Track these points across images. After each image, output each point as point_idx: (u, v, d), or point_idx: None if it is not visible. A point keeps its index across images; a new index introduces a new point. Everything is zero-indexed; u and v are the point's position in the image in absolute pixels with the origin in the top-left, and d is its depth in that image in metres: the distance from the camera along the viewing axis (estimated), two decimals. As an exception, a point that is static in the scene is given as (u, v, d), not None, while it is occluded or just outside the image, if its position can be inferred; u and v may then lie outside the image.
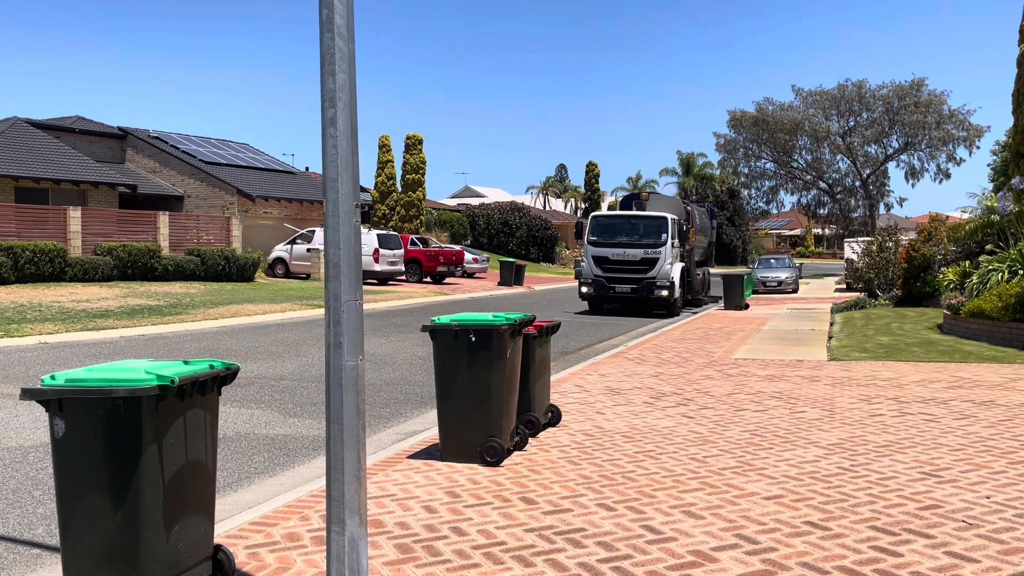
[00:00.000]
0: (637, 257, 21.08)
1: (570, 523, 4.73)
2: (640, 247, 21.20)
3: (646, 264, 21.01)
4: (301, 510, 4.97)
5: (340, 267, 3.33)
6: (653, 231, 21.41)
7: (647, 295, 20.91)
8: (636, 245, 21.27)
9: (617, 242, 21.41)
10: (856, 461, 6.13)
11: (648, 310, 21.69)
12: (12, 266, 21.70)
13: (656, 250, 21.05)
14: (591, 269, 21.50)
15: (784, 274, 34.03)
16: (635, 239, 21.42)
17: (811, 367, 11.30)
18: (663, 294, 20.83)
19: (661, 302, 21.05)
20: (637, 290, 20.94)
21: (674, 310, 21.46)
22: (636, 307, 21.70)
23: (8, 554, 4.55)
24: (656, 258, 21.01)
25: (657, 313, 21.41)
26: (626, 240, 21.42)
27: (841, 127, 62.60)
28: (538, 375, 7.08)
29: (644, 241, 21.28)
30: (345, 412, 3.34)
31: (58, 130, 32.87)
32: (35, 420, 7.65)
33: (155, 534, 3.38)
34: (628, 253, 21.15)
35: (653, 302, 21.18)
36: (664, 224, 21.39)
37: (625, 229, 21.85)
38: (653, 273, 20.91)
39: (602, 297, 21.37)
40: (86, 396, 3.29)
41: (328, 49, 3.28)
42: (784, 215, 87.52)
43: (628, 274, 21.06)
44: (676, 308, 21.53)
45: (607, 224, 22.36)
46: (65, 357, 11.81)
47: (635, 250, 21.18)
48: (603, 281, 21.23)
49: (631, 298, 21.24)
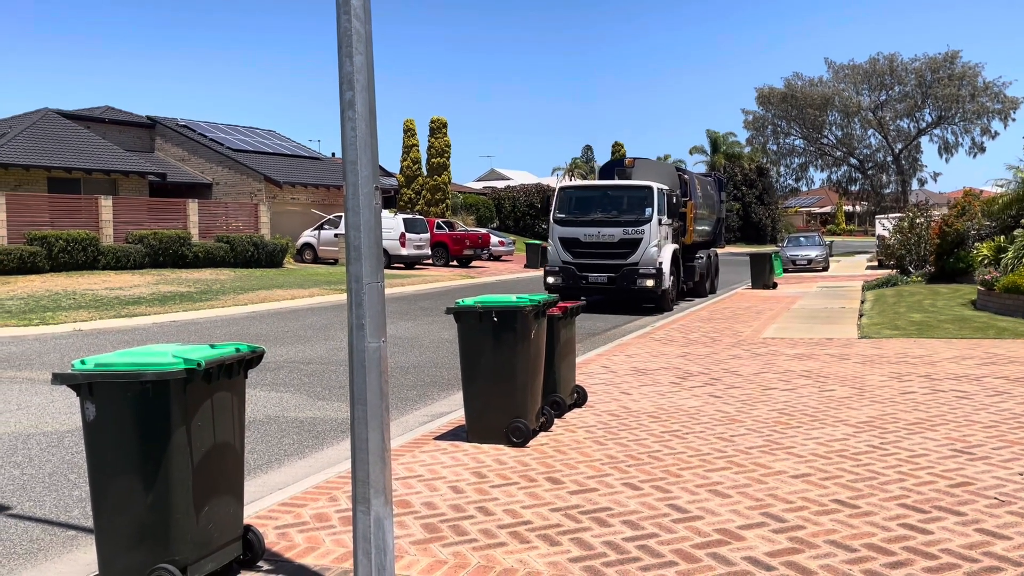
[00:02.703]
0: (615, 238, 16.85)
1: (596, 502, 4.74)
2: (618, 225, 16.93)
3: (626, 247, 16.77)
4: (329, 491, 5.03)
5: (361, 249, 3.34)
6: (635, 205, 17.14)
7: (628, 286, 16.74)
8: (614, 223, 16.99)
9: (591, 219, 17.21)
10: (886, 439, 6.06)
11: (633, 304, 17.77)
12: (46, 255, 22.09)
13: (639, 229, 16.76)
14: (558, 254, 17.40)
15: (814, 252, 33.63)
16: (613, 215, 17.17)
17: (841, 345, 11.18)
18: (648, 284, 16.57)
19: (646, 294, 16.91)
20: (615, 279, 16.75)
21: (664, 303, 17.28)
22: (617, 300, 17.71)
23: (45, 536, 4.66)
24: (638, 239, 16.72)
25: (645, 307, 17.62)
26: (602, 217, 17.19)
27: (872, 102, 61.46)
28: (563, 356, 7.07)
29: (624, 218, 17.00)
30: (369, 393, 3.36)
31: (88, 120, 33.26)
32: (70, 405, 7.80)
33: (185, 515, 3.44)
34: (604, 233, 16.93)
35: (636, 294, 17.04)
36: (649, 196, 17.03)
37: (600, 203, 17.57)
38: (635, 258, 16.69)
39: (572, 288, 16.80)
40: (115, 380, 3.35)
41: (345, 31, 3.28)
42: (814, 192, 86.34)
43: (604, 259, 16.91)
44: (667, 301, 17.29)
45: (578, 197, 17.93)
46: (99, 344, 12.02)
47: (612, 229, 16.91)
48: (573, 269, 17.01)
49: (608, 289, 17.15)
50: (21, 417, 7.47)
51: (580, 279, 16.95)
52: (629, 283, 16.69)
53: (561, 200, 17.84)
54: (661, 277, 16.79)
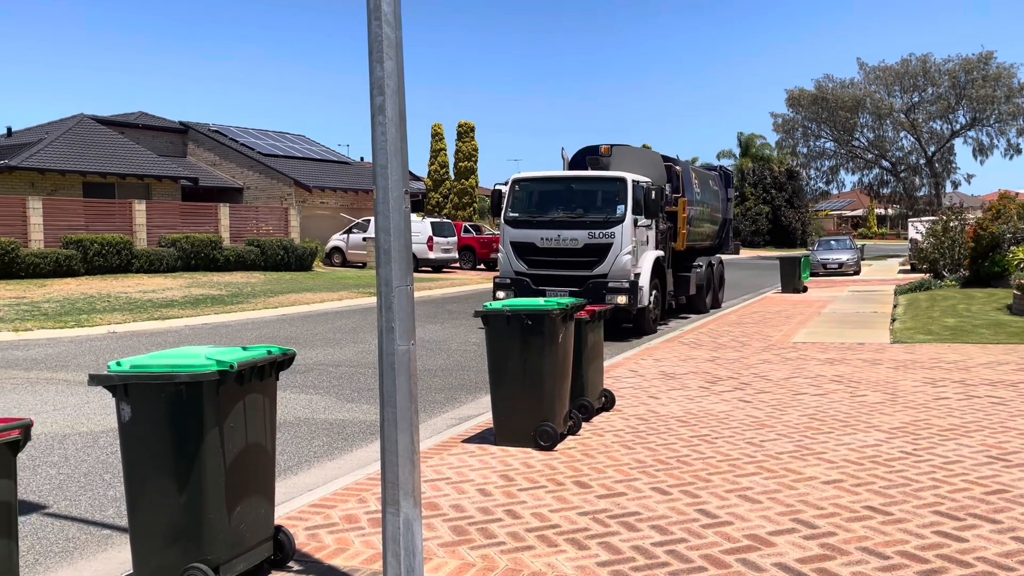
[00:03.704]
0: (578, 243, 13.53)
1: (624, 507, 4.73)
2: (583, 226, 13.59)
3: (593, 253, 13.47)
4: (359, 492, 5.06)
5: (391, 253, 3.37)
6: (604, 202, 13.88)
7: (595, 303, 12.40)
8: (578, 224, 13.67)
9: (550, 220, 13.88)
10: (919, 445, 5.98)
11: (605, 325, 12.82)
12: (82, 258, 22.47)
13: (608, 231, 13.38)
14: (509, 262, 14.09)
15: (845, 256, 33.22)
16: (577, 215, 13.84)
17: (873, 350, 11.04)
18: (619, 301, 13.06)
19: (619, 313, 13.29)
20: (579, 295, 12.60)
21: (644, 324, 13.98)
22: None
23: (81, 535, 4.74)
24: (607, 244, 13.38)
25: (623, 328, 14.12)
26: (563, 216, 13.87)
27: (905, 103, 60.62)
28: (591, 360, 7.07)
29: (591, 217, 13.69)
30: (398, 396, 3.39)
31: (122, 126, 33.82)
32: (104, 406, 7.93)
33: (218, 515, 3.49)
34: (565, 237, 13.62)
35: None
36: (622, 190, 13.62)
37: (562, 199, 14.26)
38: (603, 267, 13.36)
39: None
40: (150, 381, 3.41)
41: (376, 37, 3.31)
42: (845, 195, 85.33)
43: (566, 269, 13.57)
44: (647, 321, 13.98)
45: (535, 192, 14.49)
46: (133, 346, 12.21)
47: (576, 231, 13.59)
48: (527, 281, 13.68)
49: None
50: (57, 418, 7.61)
51: (536, 294, 13.12)
52: (596, 300, 12.46)
53: (514, 195, 14.41)
54: (637, 292, 13.38)
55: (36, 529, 4.79)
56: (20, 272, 21.02)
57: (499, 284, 14.15)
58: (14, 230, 22.46)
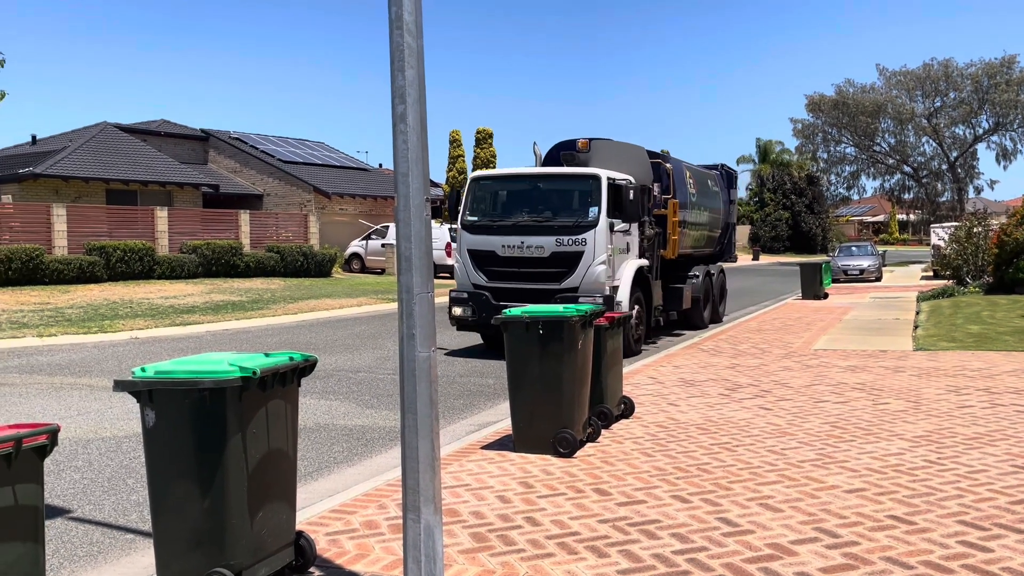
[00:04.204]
0: (545, 251, 11.65)
1: (644, 514, 4.71)
2: (550, 232, 11.70)
3: (561, 263, 11.61)
4: (379, 499, 5.08)
5: (412, 260, 3.38)
6: (575, 203, 12.10)
7: None
8: (544, 229, 11.78)
9: (512, 224, 12.01)
10: (943, 454, 5.91)
11: None
12: (105, 265, 22.73)
13: (578, 238, 11.55)
14: (467, 273, 12.24)
15: (866, 262, 32.93)
16: (544, 218, 11.94)
17: (895, 357, 10.94)
18: None
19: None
20: None
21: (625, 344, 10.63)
22: None
23: (104, 539, 4.79)
24: (578, 252, 11.52)
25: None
26: (528, 221, 11.97)
27: (927, 108, 60.09)
28: (610, 366, 7.05)
29: (559, 221, 11.80)
30: (419, 402, 3.40)
31: (145, 134, 34.21)
32: (127, 411, 8.00)
33: (240, 520, 3.51)
34: (529, 244, 11.74)
35: None
36: (595, 189, 11.80)
37: (527, 200, 12.35)
38: (573, 280, 11.53)
39: (485, 325, 11.71)
40: (174, 387, 3.44)
41: (397, 46, 3.33)
42: (866, 201, 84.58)
43: (530, 282, 11.69)
44: (627, 341, 11.37)
45: (496, 192, 12.74)
46: (154, 351, 12.32)
47: (541, 238, 11.71)
48: (486, 296, 11.86)
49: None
50: (81, 423, 7.69)
51: (496, 309, 10.88)
52: None
53: (473, 196, 12.56)
54: (612, 308, 11.40)
55: (61, 533, 4.85)
56: (44, 278, 21.29)
57: (455, 299, 12.29)
58: (39, 237, 22.75)
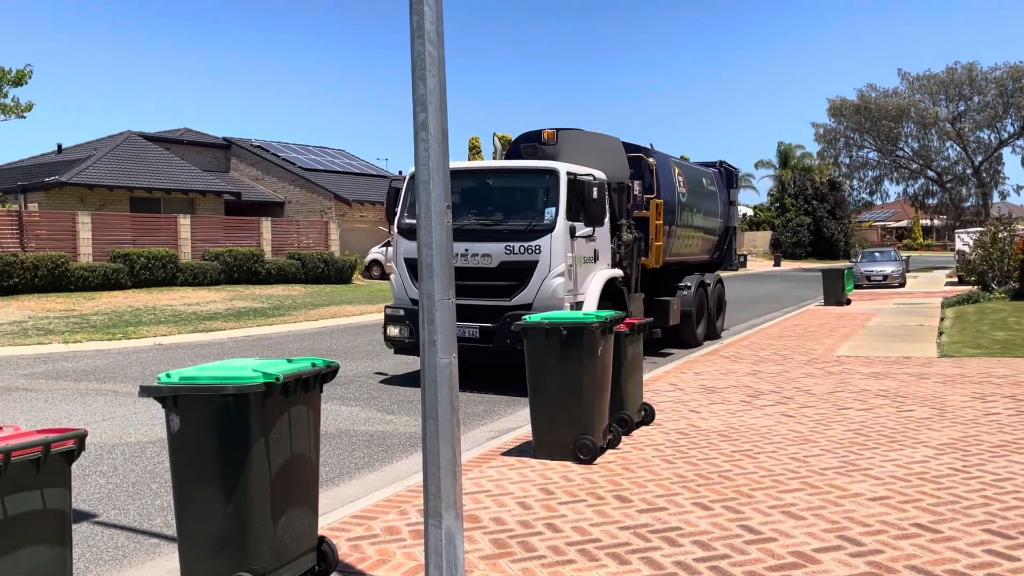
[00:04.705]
0: (492, 260, 9.65)
1: (665, 522, 4.69)
2: (499, 238, 9.69)
3: (510, 275, 9.59)
4: (399, 504, 5.10)
5: (433, 267, 3.41)
6: (529, 203, 10.06)
7: (516, 345, 8.69)
8: (490, 234, 9.75)
9: (456, 229, 7.71)
10: (969, 462, 5.85)
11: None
12: (128, 272, 22.99)
13: (531, 244, 9.50)
14: (403, 286, 10.26)
15: (889, 268, 32.60)
16: (493, 221, 9.92)
17: (920, 364, 10.83)
18: None
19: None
20: (494, 334, 9.53)
21: None
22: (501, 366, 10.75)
23: (129, 543, 4.84)
24: (530, 262, 9.49)
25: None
26: (473, 224, 9.88)
27: (950, 112, 59.48)
28: (630, 373, 7.03)
29: (508, 225, 9.79)
30: (440, 408, 3.41)
31: (168, 142, 34.62)
32: (151, 417, 8.09)
33: (263, 525, 3.54)
34: (475, 252, 9.70)
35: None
36: (552, 187, 9.75)
37: (475, 200, 10.27)
38: (526, 296, 9.49)
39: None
40: (198, 393, 3.48)
41: (419, 55, 3.36)
42: (889, 206, 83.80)
43: (476, 297, 9.60)
44: None
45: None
46: (178, 357, 12.44)
47: (488, 244, 9.69)
48: None
49: (485, 350, 9.74)
50: (106, 428, 7.78)
51: None
52: (519, 340, 7.21)
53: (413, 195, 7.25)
54: None
55: (86, 537, 4.90)
56: (70, 285, 21.56)
57: (390, 317, 10.24)
58: (64, 244, 23.06)
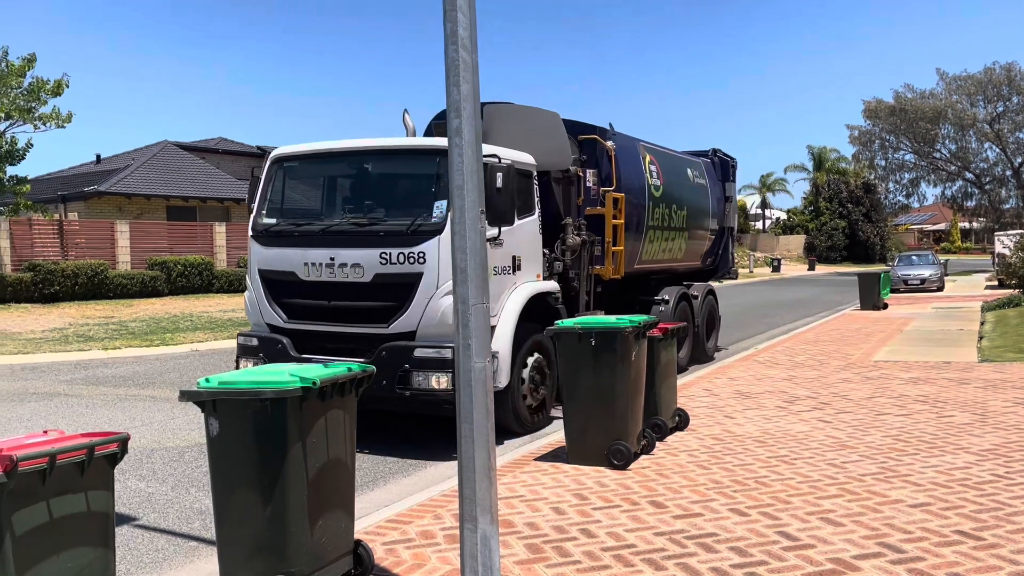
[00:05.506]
0: (363, 273, 6.98)
1: (701, 527, 4.66)
2: (371, 242, 7.00)
3: (387, 294, 6.95)
4: (434, 509, 5.11)
5: (467, 272, 3.42)
6: (412, 196, 7.44)
7: (396, 388, 6.76)
8: (361, 237, 7.07)
9: (320, 231, 7.32)
10: (1012, 468, 5.73)
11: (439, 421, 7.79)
12: (166, 279, 23.40)
13: (414, 251, 6.82)
14: (259, 307, 7.62)
15: (927, 271, 32.07)
16: (370, 221, 7.17)
17: (960, 369, 10.62)
18: (433, 384, 6.67)
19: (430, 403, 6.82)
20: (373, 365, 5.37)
21: (506, 416, 7.21)
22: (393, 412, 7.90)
23: (169, 546, 4.91)
24: (413, 275, 6.82)
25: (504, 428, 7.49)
26: (342, 225, 7.31)
27: (989, 113, 58.38)
28: (664, 378, 6.99)
29: (385, 226, 7.05)
30: (475, 412, 3.42)
31: (203, 151, 35.21)
32: (189, 422, 8.20)
33: (301, 528, 3.57)
34: (343, 261, 7.06)
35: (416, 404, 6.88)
36: (444, 173, 6.84)
37: (348, 192, 8.02)
38: (408, 320, 6.87)
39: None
40: (237, 397, 3.53)
41: (452, 61, 3.39)
42: (926, 209, 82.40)
43: (345, 323, 7.18)
44: (512, 412, 7.35)
45: (304, 179, 8.41)
46: (214, 363, 12.61)
47: (359, 251, 7.02)
48: (283, 343, 7.30)
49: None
50: (145, 433, 7.90)
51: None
52: (397, 381, 6.72)
53: (273, 187, 7.99)
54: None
55: (127, 540, 4.98)
56: (109, 292, 21.98)
57: (242, 347, 7.70)
58: (103, 252, 23.52)
